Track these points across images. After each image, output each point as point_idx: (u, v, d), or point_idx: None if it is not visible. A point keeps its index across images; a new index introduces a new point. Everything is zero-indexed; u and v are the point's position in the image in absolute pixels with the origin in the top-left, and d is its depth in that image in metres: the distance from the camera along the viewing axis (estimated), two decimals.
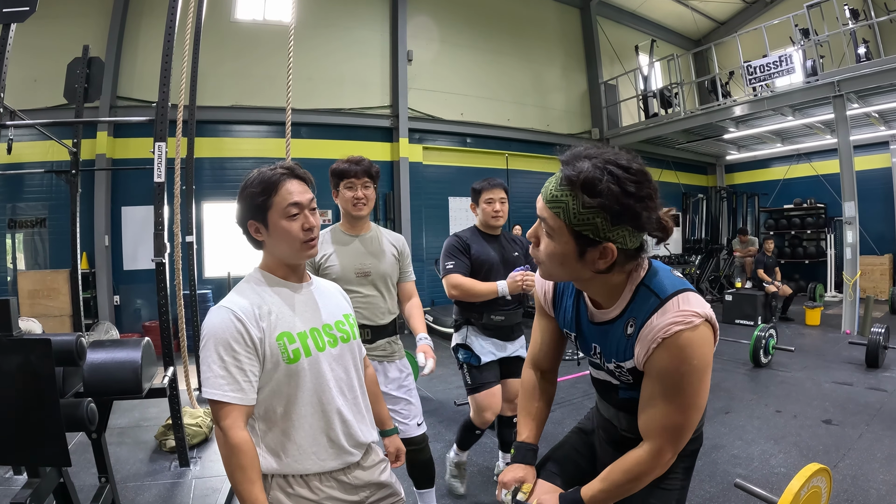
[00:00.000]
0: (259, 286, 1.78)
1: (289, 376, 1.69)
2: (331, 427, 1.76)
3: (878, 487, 3.89)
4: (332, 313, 1.89)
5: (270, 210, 1.73)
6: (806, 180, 14.84)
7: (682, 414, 1.44)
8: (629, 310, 1.48)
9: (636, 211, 1.31)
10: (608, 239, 1.34)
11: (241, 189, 1.78)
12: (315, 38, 10.90)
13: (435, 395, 6.60)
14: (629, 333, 1.46)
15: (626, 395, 1.64)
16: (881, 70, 9.25)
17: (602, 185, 1.29)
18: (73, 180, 6.19)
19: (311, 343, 1.75)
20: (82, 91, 6.15)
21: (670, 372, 1.39)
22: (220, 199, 10.17)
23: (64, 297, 8.55)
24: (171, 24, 4.61)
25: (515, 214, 12.84)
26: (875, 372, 7.00)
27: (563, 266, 1.43)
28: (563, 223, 1.36)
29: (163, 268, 4.55)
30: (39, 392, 2.08)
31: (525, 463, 1.82)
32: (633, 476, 1.51)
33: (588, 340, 1.65)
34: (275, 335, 1.68)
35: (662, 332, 1.36)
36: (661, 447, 1.47)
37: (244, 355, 1.62)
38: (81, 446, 4.37)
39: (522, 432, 1.89)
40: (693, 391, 1.41)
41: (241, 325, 1.63)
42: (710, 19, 16.66)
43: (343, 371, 1.85)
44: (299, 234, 1.74)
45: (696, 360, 1.36)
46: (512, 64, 13.41)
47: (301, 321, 1.77)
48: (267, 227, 1.75)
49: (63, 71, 6.26)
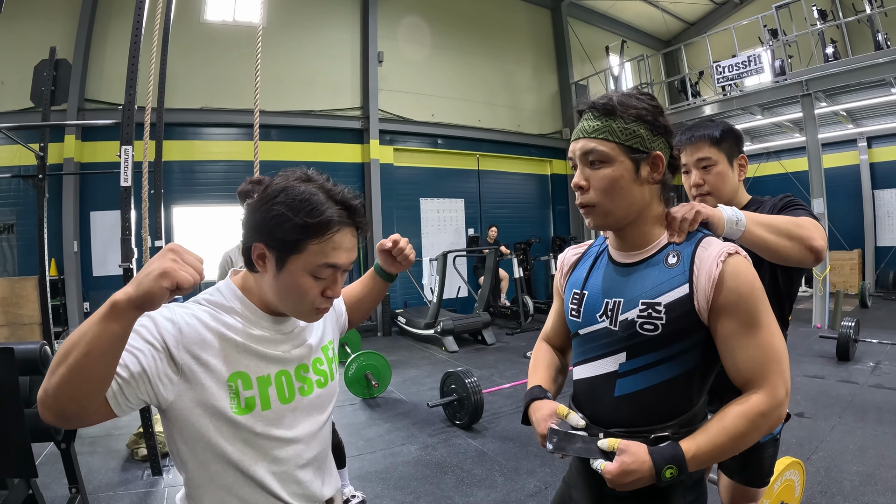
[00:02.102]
0: (221, 314, 1.34)
1: (234, 430, 1.28)
2: (285, 487, 1.37)
3: (852, 478, 3.95)
4: (313, 349, 1.48)
5: (297, 255, 1.24)
6: (776, 178, 15.01)
7: (775, 336, 1.37)
8: (668, 245, 1.47)
9: (664, 123, 1.45)
10: (655, 148, 1.44)
11: (269, 197, 1.26)
12: (285, 39, 10.84)
13: (408, 397, 6.57)
14: (672, 263, 1.43)
15: (624, 391, 1.47)
16: (849, 69, 9.46)
17: (634, 101, 1.43)
18: (40, 185, 6.08)
19: (274, 392, 1.34)
20: (49, 94, 6.05)
21: (745, 296, 1.35)
22: (191, 203, 10.08)
23: (33, 305, 8.36)
24: (137, 25, 4.52)
25: (488, 215, 12.91)
26: (846, 365, 7.12)
27: (623, 192, 1.43)
28: (615, 143, 1.41)
29: (130, 274, 4.47)
30: (2, 402, 2.03)
31: (543, 398, 1.60)
32: (751, 419, 1.31)
33: (603, 296, 1.52)
34: (226, 374, 1.27)
35: (721, 256, 1.36)
36: (773, 382, 1.33)
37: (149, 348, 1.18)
38: (52, 457, 4.30)
39: (533, 381, 1.71)
40: (769, 313, 1.38)
41: (165, 332, 1.21)
42: (680, 20, 16.84)
43: (311, 422, 1.44)
44: (315, 300, 1.31)
45: (757, 281, 1.37)
46: (483, 65, 13.45)
47: (269, 363, 1.35)
48: (279, 269, 1.27)
49: (30, 73, 6.16)
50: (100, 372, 1.03)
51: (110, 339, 1.00)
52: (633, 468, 1.29)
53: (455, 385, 5.53)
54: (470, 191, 13.33)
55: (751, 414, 1.31)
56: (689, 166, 2.20)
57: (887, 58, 9.03)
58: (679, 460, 1.29)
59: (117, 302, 0.99)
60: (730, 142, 2.18)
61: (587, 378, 1.56)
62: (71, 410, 1.05)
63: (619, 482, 1.30)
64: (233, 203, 1.59)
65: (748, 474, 2.24)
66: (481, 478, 4.30)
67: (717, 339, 1.38)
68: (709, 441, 1.31)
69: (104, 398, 1.10)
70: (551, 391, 1.66)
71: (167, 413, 1.24)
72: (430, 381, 7.18)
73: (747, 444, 1.34)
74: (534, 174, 14.61)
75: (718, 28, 13.79)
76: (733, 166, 2.19)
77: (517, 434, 5.13)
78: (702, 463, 1.32)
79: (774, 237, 1.66)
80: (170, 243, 1.05)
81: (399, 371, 7.72)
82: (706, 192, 2.17)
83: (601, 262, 1.60)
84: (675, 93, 15.38)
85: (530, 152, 14.28)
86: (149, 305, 1.00)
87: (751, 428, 1.31)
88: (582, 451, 1.40)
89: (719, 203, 2.04)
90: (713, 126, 2.20)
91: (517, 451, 4.78)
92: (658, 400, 1.43)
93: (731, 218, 1.59)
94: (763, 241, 1.66)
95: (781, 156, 14.93)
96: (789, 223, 1.72)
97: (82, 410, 1.06)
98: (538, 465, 4.47)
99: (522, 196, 14.15)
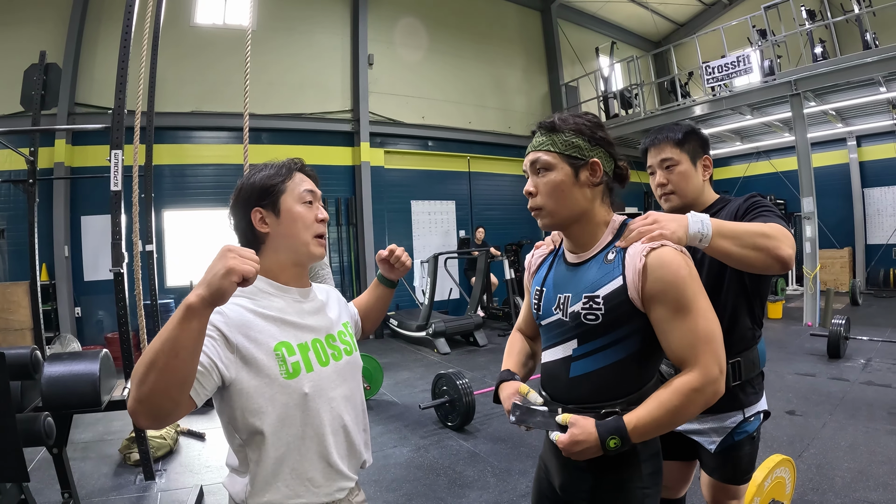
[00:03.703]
0: (256, 298, 1.53)
1: (287, 394, 1.46)
2: (329, 449, 1.54)
3: (843, 475, 3.98)
4: (335, 322, 1.71)
5: (284, 194, 1.57)
6: (766, 177, 15.10)
7: (704, 319, 1.50)
8: (609, 244, 1.64)
9: (602, 136, 1.65)
10: (592, 156, 1.62)
11: (246, 178, 1.61)
12: (275, 42, 10.82)
13: (401, 399, 6.58)
14: (610, 259, 1.60)
15: (577, 372, 1.64)
16: (837, 69, 9.51)
17: (572, 119, 1.65)
18: (30, 190, 6.04)
19: (314, 356, 1.54)
20: (39, 98, 6.03)
21: (670, 283, 1.49)
22: (182, 207, 10.05)
23: (24, 310, 8.32)
24: (127, 29, 4.50)
25: (479, 217, 12.92)
26: (837, 362, 7.17)
27: (565, 195, 1.62)
28: (556, 152, 1.62)
29: (121, 278, 4.46)
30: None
31: (510, 380, 1.84)
32: (684, 394, 1.45)
33: (556, 291, 1.72)
34: (272, 344, 1.46)
35: (644, 251, 1.51)
36: (704, 360, 1.47)
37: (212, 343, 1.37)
38: (45, 462, 4.29)
39: (505, 365, 1.94)
40: (700, 297, 1.51)
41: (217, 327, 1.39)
42: (669, 21, 16.90)
43: (346, 387, 1.63)
44: (313, 224, 1.59)
45: (682, 269, 1.50)
46: (473, 67, 13.47)
47: (304, 331, 1.56)
48: (278, 213, 1.55)
49: (19, 78, 6.14)
50: (189, 369, 1.21)
51: (193, 337, 1.17)
52: (580, 438, 1.49)
53: (447, 387, 5.54)
54: (461, 193, 13.34)
55: (684, 389, 1.46)
56: (654, 167, 2.31)
57: (875, 57, 9.08)
58: (621, 431, 1.47)
59: (191, 304, 1.15)
60: (693, 143, 2.25)
61: (549, 362, 1.75)
62: (166, 409, 1.22)
63: (570, 451, 1.51)
64: (224, 207, 1.61)
65: (726, 472, 2.27)
66: (473, 479, 4.31)
67: (653, 323, 1.54)
68: (648, 414, 1.47)
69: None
70: (520, 374, 1.89)
71: (230, 390, 1.42)
72: (422, 383, 7.19)
73: (685, 417, 1.49)
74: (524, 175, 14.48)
75: (708, 29, 13.86)
76: (697, 166, 2.26)
77: (509, 435, 5.14)
78: (643, 434, 1.48)
79: (739, 249, 1.70)
80: (224, 244, 1.22)
81: (391, 373, 7.72)
82: (670, 192, 2.26)
83: (557, 262, 1.81)
84: (664, 94, 15.43)
85: (521, 154, 13.93)
86: (220, 301, 1.18)
87: (685, 402, 1.46)
88: (541, 424, 1.61)
89: (684, 202, 2.19)
90: (677, 128, 2.28)
91: (509, 452, 4.79)
92: (607, 380, 1.60)
93: (695, 235, 1.64)
94: (727, 253, 1.71)
95: (771, 155, 15.01)
96: (756, 233, 1.74)
97: (175, 407, 1.24)
98: (530, 465, 4.47)
99: (513, 197, 14.15)
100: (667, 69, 15.25)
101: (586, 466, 1.61)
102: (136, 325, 5.58)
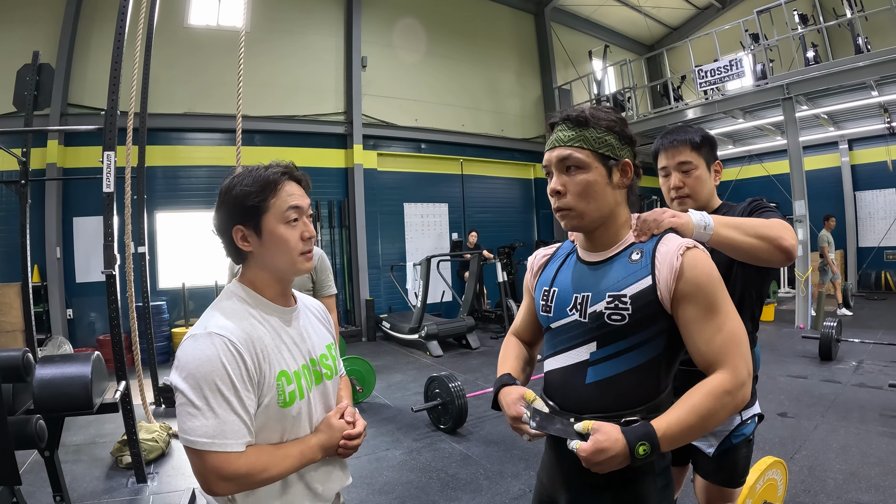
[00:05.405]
0: (248, 308, 1.51)
1: (279, 421, 1.47)
2: (307, 471, 1.55)
3: (835, 477, 4.00)
4: (318, 345, 1.66)
5: (266, 214, 1.48)
6: (758, 180, 15.17)
7: (734, 321, 1.47)
8: (633, 244, 1.58)
9: (630, 133, 1.58)
10: (624, 156, 1.57)
11: (227, 189, 1.50)
12: (269, 44, 10.81)
13: (393, 402, 6.58)
14: (635, 259, 1.54)
15: (595, 377, 1.54)
16: (829, 73, 9.58)
17: (603, 113, 1.56)
18: (22, 191, 6.00)
19: (304, 383, 1.53)
20: (32, 99, 6.00)
21: (703, 284, 1.45)
22: (174, 209, 10.03)
23: (16, 312, 8.29)
24: (120, 30, 4.49)
25: (472, 220, 12.92)
26: (829, 364, 7.20)
27: (598, 196, 1.54)
28: (590, 150, 1.53)
29: (113, 280, 4.45)
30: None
31: (512, 384, 1.70)
32: (716, 397, 1.37)
33: (570, 291, 1.63)
34: (274, 373, 1.44)
35: (680, 250, 1.48)
36: (735, 362, 1.41)
37: (244, 392, 1.37)
38: (37, 465, 4.26)
39: (503, 369, 1.82)
40: (728, 299, 1.49)
41: (239, 356, 1.37)
42: (662, 25, 16.97)
43: (324, 409, 1.63)
44: (298, 244, 1.52)
45: (714, 270, 1.48)
46: (466, 70, 13.50)
47: (294, 357, 1.53)
48: (259, 234, 1.48)
49: (12, 78, 6.11)
50: None
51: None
52: (606, 446, 1.34)
53: (439, 389, 5.54)
54: (454, 195, 13.36)
55: (717, 392, 1.38)
56: (670, 169, 2.26)
57: (867, 61, 9.14)
58: (651, 437, 1.34)
59: (316, 456, 1.52)
60: (707, 147, 2.24)
61: (558, 368, 1.65)
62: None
63: (594, 460, 1.35)
64: None
65: (723, 475, 2.27)
66: (466, 481, 4.31)
67: (680, 325, 1.48)
68: (679, 419, 1.37)
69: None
70: (520, 379, 1.77)
71: None
72: (414, 385, 7.19)
73: (715, 422, 1.40)
74: (517, 178, 14.64)
75: (701, 33, 13.90)
76: (710, 171, 2.25)
77: (501, 438, 5.14)
78: (673, 441, 1.37)
79: (743, 237, 1.73)
80: (335, 424, 1.60)
81: (383, 376, 7.72)
82: (686, 195, 2.23)
83: (570, 261, 1.72)
84: (657, 97, 15.48)
85: (514, 157, 14.33)
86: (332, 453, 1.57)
87: (718, 406, 1.37)
88: (560, 431, 1.46)
89: (698, 205, 2.17)
90: (693, 131, 2.26)
91: (501, 455, 4.79)
92: (627, 386, 1.50)
93: (699, 223, 1.66)
94: (732, 242, 1.72)
95: (763, 159, 15.08)
96: (758, 224, 1.78)
97: None
98: (522, 468, 4.48)
99: (506, 200, 14.18)
100: (660, 73, 15.34)
101: (598, 483, 1.50)
102: (127, 327, 5.56)
